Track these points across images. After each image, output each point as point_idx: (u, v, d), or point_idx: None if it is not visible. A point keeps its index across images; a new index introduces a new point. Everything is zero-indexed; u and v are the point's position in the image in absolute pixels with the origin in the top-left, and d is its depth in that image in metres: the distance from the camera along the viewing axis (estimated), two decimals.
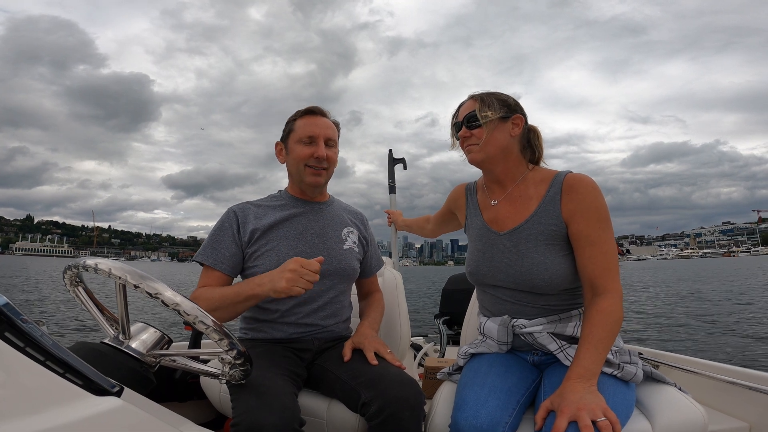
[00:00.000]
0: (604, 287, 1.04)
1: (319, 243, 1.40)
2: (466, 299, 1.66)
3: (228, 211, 1.39)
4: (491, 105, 1.18)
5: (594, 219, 1.08)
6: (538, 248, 1.12)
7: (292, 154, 1.40)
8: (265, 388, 1.01)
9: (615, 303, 1.02)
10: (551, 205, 1.13)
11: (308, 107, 1.42)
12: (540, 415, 0.93)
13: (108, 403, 0.60)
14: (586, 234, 1.08)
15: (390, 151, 2.57)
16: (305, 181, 1.40)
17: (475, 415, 0.97)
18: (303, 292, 1.07)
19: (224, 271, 1.30)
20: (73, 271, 0.86)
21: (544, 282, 1.11)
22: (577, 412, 0.86)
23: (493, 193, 1.27)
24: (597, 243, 1.07)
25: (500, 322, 1.18)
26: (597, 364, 0.96)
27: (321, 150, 1.36)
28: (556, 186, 1.14)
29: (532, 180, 1.21)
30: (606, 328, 0.99)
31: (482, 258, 1.23)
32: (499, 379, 1.07)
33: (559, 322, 1.13)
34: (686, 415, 0.99)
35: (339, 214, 1.51)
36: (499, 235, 1.20)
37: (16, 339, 0.55)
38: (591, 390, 0.91)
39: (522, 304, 1.16)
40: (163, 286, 0.76)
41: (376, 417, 1.06)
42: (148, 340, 0.87)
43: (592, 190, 1.09)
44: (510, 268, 1.15)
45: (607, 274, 1.05)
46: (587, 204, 1.09)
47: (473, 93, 1.25)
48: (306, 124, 1.38)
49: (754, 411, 1.35)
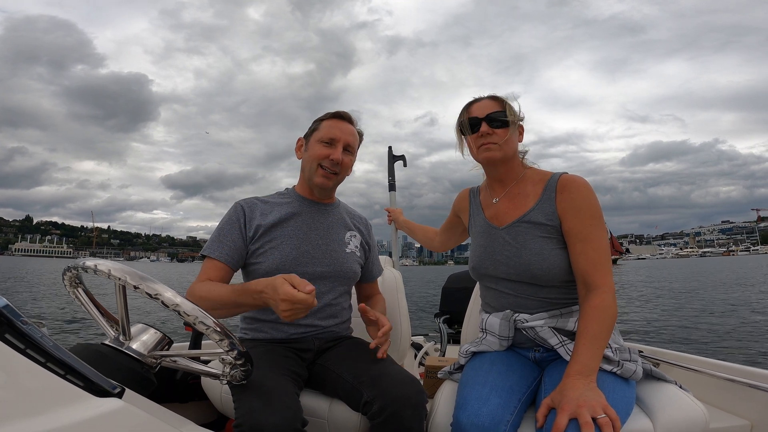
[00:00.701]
0: (595, 283, 1.07)
1: (322, 244, 1.40)
2: (467, 298, 1.66)
3: (235, 204, 1.40)
4: (512, 110, 1.24)
5: (586, 216, 1.12)
6: (535, 240, 1.17)
7: (309, 151, 1.41)
8: (267, 388, 1.01)
9: (607, 298, 1.04)
10: (547, 202, 1.19)
11: (338, 111, 1.44)
12: (541, 412, 0.94)
13: (109, 404, 0.60)
14: (577, 231, 1.12)
15: (390, 148, 2.52)
16: (314, 181, 1.40)
17: (477, 414, 0.97)
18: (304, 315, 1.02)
19: (226, 262, 1.29)
20: (72, 272, 0.86)
21: (542, 271, 1.14)
22: (578, 409, 0.87)
23: (495, 192, 1.33)
24: (588, 239, 1.10)
25: (502, 316, 1.21)
26: (594, 359, 0.98)
27: (338, 154, 1.37)
28: (551, 185, 1.20)
29: (530, 179, 1.27)
30: (600, 324, 1.01)
31: (484, 252, 1.27)
32: (501, 378, 1.08)
33: (561, 316, 1.16)
34: (687, 412, 0.99)
35: (343, 217, 1.52)
36: (499, 230, 1.25)
37: (16, 341, 0.55)
38: (591, 386, 0.92)
39: (524, 297, 1.19)
40: (163, 287, 0.76)
41: (378, 416, 1.06)
42: (148, 341, 0.87)
43: (585, 190, 1.15)
44: (510, 260, 1.20)
45: (599, 269, 1.08)
46: (579, 202, 1.14)
47: (492, 94, 1.29)
48: (330, 126, 1.40)
49: (755, 409, 1.35)
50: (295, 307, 0.96)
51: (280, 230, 1.37)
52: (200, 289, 1.19)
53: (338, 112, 1.43)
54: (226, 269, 1.29)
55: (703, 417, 0.99)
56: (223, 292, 1.15)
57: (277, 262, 1.32)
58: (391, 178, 2.46)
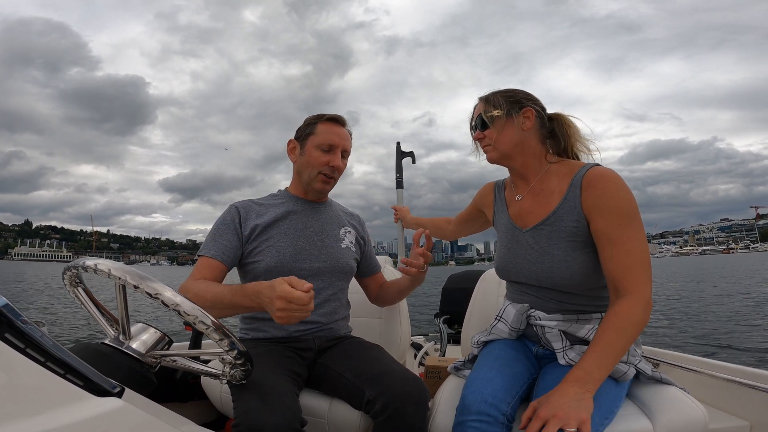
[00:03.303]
0: (626, 289, 0.97)
1: (317, 241, 1.41)
2: (467, 298, 1.66)
3: (230, 206, 1.40)
4: (496, 103, 1.19)
5: (614, 216, 1.02)
6: (559, 246, 1.10)
7: (308, 156, 1.41)
8: (266, 388, 1.01)
9: (635, 306, 0.95)
10: (573, 201, 1.09)
11: (333, 115, 1.43)
12: (526, 414, 0.91)
13: (109, 403, 0.60)
14: (606, 232, 1.02)
15: (398, 144, 2.46)
16: (314, 187, 1.42)
17: (482, 390, 0.99)
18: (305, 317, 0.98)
19: (221, 260, 1.28)
20: (72, 271, 0.86)
21: (565, 279, 1.08)
22: (551, 418, 0.83)
23: (518, 188, 1.27)
24: (618, 242, 1.00)
25: (518, 308, 1.20)
26: (600, 369, 0.91)
27: (338, 161, 1.40)
28: (577, 181, 1.09)
29: (556, 173, 1.17)
30: (618, 333, 0.93)
31: (508, 254, 1.23)
32: (507, 364, 1.10)
33: (576, 322, 1.11)
34: (687, 413, 0.99)
35: (337, 214, 1.54)
36: (523, 232, 1.20)
37: (16, 340, 0.55)
38: (582, 397, 0.87)
39: (545, 299, 1.16)
40: (163, 287, 0.76)
41: (380, 414, 1.07)
42: (148, 340, 0.87)
43: (614, 185, 1.03)
44: (532, 265, 1.15)
45: (630, 275, 0.98)
46: (607, 200, 1.03)
47: (482, 95, 1.26)
48: (328, 132, 1.39)
49: (755, 409, 1.35)
50: (290, 306, 0.91)
51: (275, 229, 1.38)
52: (195, 286, 1.15)
53: (334, 116, 1.43)
54: (221, 267, 1.27)
55: (703, 417, 0.99)
56: (219, 291, 1.11)
57: (274, 259, 1.32)
58: (399, 175, 2.41)
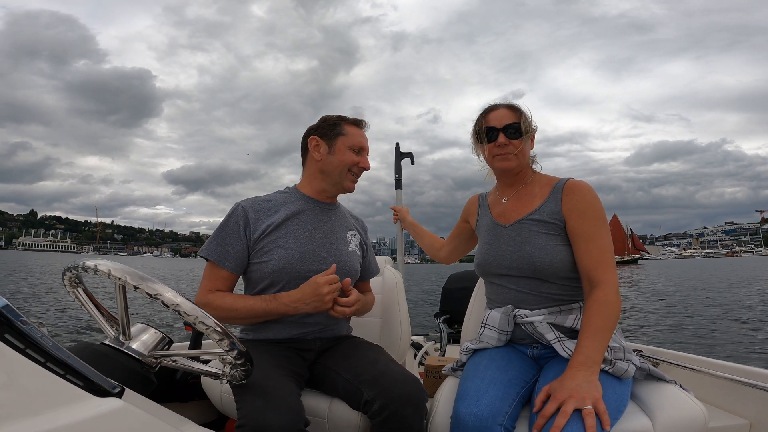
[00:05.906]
0: (599, 279, 1.11)
1: (326, 243, 1.41)
2: (467, 298, 1.66)
3: (236, 206, 1.37)
4: (529, 120, 1.30)
5: (590, 217, 1.17)
6: (539, 236, 1.22)
7: (338, 155, 1.41)
8: (269, 389, 1.01)
9: (610, 293, 1.09)
10: (553, 202, 1.24)
11: (358, 119, 1.49)
12: (540, 397, 0.97)
13: (109, 404, 0.60)
14: (582, 230, 1.17)
15: (397, 145, 2.44)
16: (343, 185, 1.45)
17: (476, 404, 1.00)
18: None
19: (231, 270, 1.30)
20: (72, 272, 0.86)
21: (545, 265, 1.18)
22: (567, 398, 0.90)
23: (503, 193, 1.38)
24: (592, 238, 1.15)
25: (503, 311, 1.24)
26: (597, 351, 1.01)
27: (367, 162, 1.46)
28: (558, 188, 1.26)
29: (538, 182, 1.33)
30: (603, 317, 1.05)
31: (489, 249, 1.32)
32: (500, 372, 1.11)
33: (560, 313, 1.19)
34: (687, 412, 1.00)
35: (345, 217, 1.54)
36: (505, 228, 1.30)
37: (16, 341, 0.55)
38: (590, 379, 0.95)
39: (525, 292, 1.22)
40: (163, 287, 0.76)
41: (378, 414, 1.07)
42: (148, 340, 0.88)
43: (589, 193, 1.21)
44: (514, 254, 1.24)
45: (602, 266, 1.12)
46: (584, 204, 1.19)
47: (508, 103, 1.33)
48: (358, 135, 1.45)
49: (755, 408, 1.35)
50: (335, 285, 1.20)
51: (285, 229, 1.36)
52: (221, 301, 1.26)
53: (360, 120, 1.49)
54: (233, 278, 1.33)
55: (703, 416, 0.99)
56: (251, 303, 1.26)
57: (284, 260, 1.31)
58: (398, 175, 2.40)
